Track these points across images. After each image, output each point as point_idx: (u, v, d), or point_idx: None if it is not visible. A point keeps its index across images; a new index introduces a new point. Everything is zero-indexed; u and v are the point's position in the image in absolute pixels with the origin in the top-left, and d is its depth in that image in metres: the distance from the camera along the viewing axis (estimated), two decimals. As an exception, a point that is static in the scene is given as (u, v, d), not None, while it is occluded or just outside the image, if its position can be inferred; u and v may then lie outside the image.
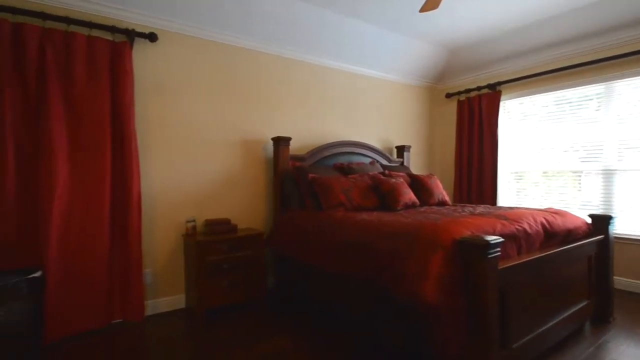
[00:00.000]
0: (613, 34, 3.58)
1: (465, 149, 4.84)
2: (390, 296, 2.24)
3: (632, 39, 3.47)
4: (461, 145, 4.91)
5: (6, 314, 2.21)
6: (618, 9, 3.40)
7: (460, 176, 4.94)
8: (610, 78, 3.71)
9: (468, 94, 4.86)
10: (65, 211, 2.60)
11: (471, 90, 4.79)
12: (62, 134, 2.59)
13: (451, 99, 5.14)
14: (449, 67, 4.99)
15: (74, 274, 2.62)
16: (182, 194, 3.19)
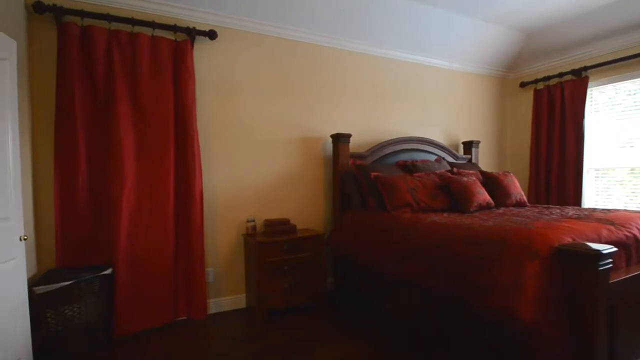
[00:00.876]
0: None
1: (543, 144, 4.31)
2: (469, 308, 1.98)
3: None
4: (538, 140, 4.38)
5: (81, 308, 2.28)
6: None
7: (536, 174, 4.41)
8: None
9: (547, 81, 4.31)
10: (133, 210, 2.65)
11: (551, 78, 4.24)
12: (129, 133, 2.64)
13: (526, 88, 4.61)
14: (524, 52, 4.47)
15: (141, 271, 2.66)
16: (242, 193, 3.14)
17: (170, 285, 2.77)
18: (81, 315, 2.29)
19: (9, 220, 1.82)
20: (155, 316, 2.69)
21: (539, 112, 4.39)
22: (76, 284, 2.25)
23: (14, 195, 1.88)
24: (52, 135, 2.49)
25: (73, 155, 2.49)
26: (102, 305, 2.42)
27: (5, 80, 1.85)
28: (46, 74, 2.50)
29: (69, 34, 2.47)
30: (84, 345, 2.31)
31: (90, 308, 2.33)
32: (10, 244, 1.83)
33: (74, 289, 2.24)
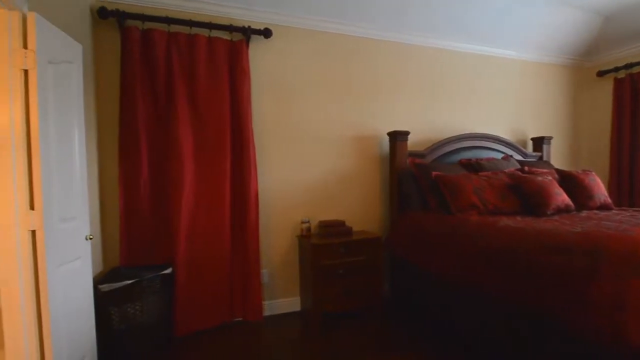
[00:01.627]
0: None
1: (626, 140, 3.80)
2: (552, 324, 1.74)
3: None
4: (620, 135, 3.87)
5: (142, 307, 2.30)
6: None
7: (618, 174, 3.91)
8: None
9: (629, 69, 3.80)
10: (192, 211, 2.66)
11: (634, 65, 3.74)
12: (188, 135, 2.65)
13: (605, 77, 4.09)
14: (602, 37, 3.97)
15: (199, 271, 2.65)
16: (296, 194, 3.06)
17: (227, 285, 2.74)
18: (143, 313, 2.31)
19: (75, 221, 1.85)
20: (212, 316, 2.68)
21: (621, 104, 3.88)
22: (138, 282, 2.27)
23: (80, 197, 1.92)
24: (117, 138, 2.56)
25: (135, 157, 2.54)
26: (163, 304, 2.43)
27: (71, 84, 1.89)
28: (111, 77, 2.57)
29: (131, 38, 2.52)
30: (146, 344, 2.33)
31: (151, 307, 2.35)
32: (76, 243, 1.86)
33: (135, 288, 2.26)
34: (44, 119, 1.63)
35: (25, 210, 1.57)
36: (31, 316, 1.58)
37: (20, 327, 1.56)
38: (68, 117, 1.84)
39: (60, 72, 1.79)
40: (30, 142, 1.59)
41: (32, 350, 1.58)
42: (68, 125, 1.84)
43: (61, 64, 1.80)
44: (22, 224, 1.57)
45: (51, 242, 1.63)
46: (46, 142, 1.63)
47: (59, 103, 1.76)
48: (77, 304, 1.83)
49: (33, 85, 1.59)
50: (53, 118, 1.70)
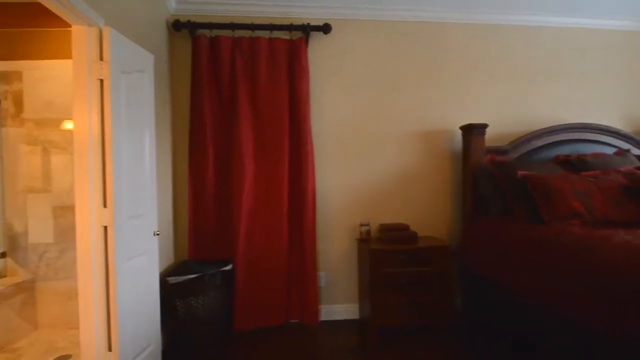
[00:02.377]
0: None
1: None
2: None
3: None
4: None
5: (204, 301, 2.42)
6: None
7: None
8: None
9: None
10: (251, 210, 2.72)
11: None
12: (248, 135, 2.72)
13: None
14: None
15: (257, 269, 2.70)
16: (356, 194, 2.92)
17: (284, 286, 2.75)
18: (205, 307, 2.42)
19: (144, 217, 2.01)
20: (269, 316, 2.71)
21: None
22: (201, 277, 2.39)
23: (149, 195, 2.08)
24: (188, 139, 2.75)
25: (203, 157, 2.70)
26: (223, 299, 2.53)
27: (143, 91, 2.05)
28: (184, 83, 2.76)
29: (200, 45, 2.67)
30: (207, 337, 2.44)
31: (212, 301, 2.45)
32: (145, 238, 2.02)
33: (198, 282, 2.38)
34: (117, 124, 1.78)
35: (99, 208, 1.74)
36: (102, 304, 1.74)
37: (92, 313, 1.73)
38: (139, 122, 2.00)
39: (133, 80, 1.95)
40: (104, 145, 1.75)
41: (101, 334, 1.74)
42: (139, 130, 2.00)
43: (133, 73, 1.96)
44: (96, 220, 1.74)
45: (120, 237, 1.78)
46: (118, 145, 1.79)
47: (131, 109, 1.92)
48: (143, 295, 1.98)
49: (107, 93, 1.75)
50: (125, 123, 1.86)
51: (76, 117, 1.73)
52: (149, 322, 2.04)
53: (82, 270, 1.72)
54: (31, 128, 2.67)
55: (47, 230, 2.67)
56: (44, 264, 2.66)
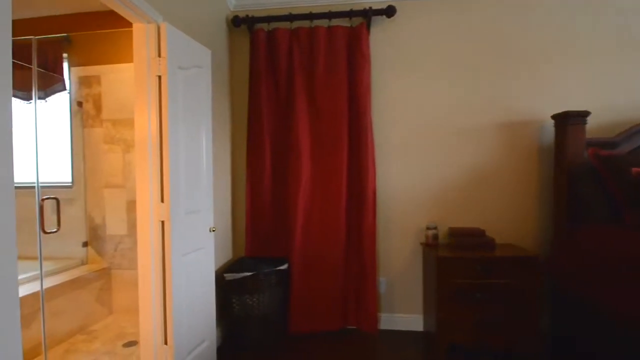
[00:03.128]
0: None
1: None
2: None
3: None
4: None
5: (259, 299, 2.36)
6: None
7: None
8: None
9: None
10: (307, 208, 2.61)
11: None
12: (306, 130, 2.61)
13: None
14: None
15: (313, 270, 2.59)
16: (422, 193, 2.64)
17: (341, 289, 2.59)
18: (260, 306, 2.37)
19: (200, 213, 2.00)
20: (325, 319, 2.58)
21: None
22: (256, 275, 2.34)
23: (206, 191, 2.07)
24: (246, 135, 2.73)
25: (260, 153, 2.66)
26: (278, 299, 2.46)
27: (200, 87, 2.04)
28: (242, 79, 2.75)
29: (258, 39, 2.63)
30: (261, 336, 2.39)
31: (267, 300, 2.40)
32: (201, 234, 2.01)
33: (254, 280, 2.34)
34: (173, 120, 1.78)
35: (157, 203, 1.76)
36: (159, 297, 1.76)
37: (150, 306, 1.75)
38: (196, 119, 2.00)
39: (190, 76, 1.94)
40: (161, 141, 1.76)
41: (158, 327, 1.76)
42: (196, 126, 2.00)
43: (191, 69, 1.95)
44: (155, 215, 1.76)
45: (176, 232, 1.78)
46: (174, 141, 1.79)
47: (188, 105, 1.91)
48: (198, 291, 1.98)
49: (164, 89, 1.76)
50: (182, 119, 1.86)
51: (137, 114, 1.76)
52: (205, 318, 2.03)
53: (141, 264, 1.76)
54: (109, 128, 2.87)
55: (121, 222, 2.85)
56: (119, 254, 2.85)
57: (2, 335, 0.87)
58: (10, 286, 0.90)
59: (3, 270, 0.88)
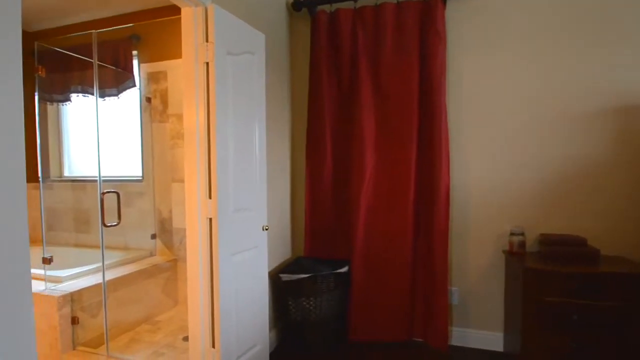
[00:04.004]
0: None
1: None
2: None
3: None
4: None
5: (316, 303, 2.20)
6: None
7: None
8: None
9: None
10: (371, 206, 2.38)
11: None
12: (370, 119, 2.36)
13: None
14: None
15: (376, 274, 2.35)
16: (506, 192, 2.23)
17: (407, 297, 2.32)
18: (317, 310, 2.21)
19: (251, 211, 1.89)
20: (389, 329, 2.33)
21: None
22: (313, 277, 2.18)
23: (258, 188, 1.94)
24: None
25: (321, 147, 2.48)
26: (337, 304, 2.28)
27: (252, 75, 1.91)
28: (304, 69, 2.58)
29: (320, 23, 2.44)
30: (318, 342, 2.24)
31: (325, 304, 2.22)
32: (252, 233, 1.90)
33: (311, 282, 2.18)
34: (222, 111, 1.67)
35: (204, 199, 1.67)
36: (207, 298, 1.68)
37: (198, 307, 1.68)
38: (248, 109, 1.87)
39: (241, 63, 1.82)
40: (209, 134, 1.67)
41: (206, 329, 1.68)
42: (247, 118, 1.87)
43: (242, 55, 1.83)
44: (202, 211, 1.68)
45: (224, 230, 1.68)
46: (223, 133, 1.68)
47: (238, 95, 1.79)
48: (249, 292, 1.87)
49: (212, 77, 1.65)
50: (232, 110, 1.74)
51: (186, 105, 1.69)
52: (257, 322, 1.93)
53: (190, 262, 1.69)
54: (174, 123, 2.92)
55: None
56: (183, 247, 2.91)
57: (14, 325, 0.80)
58: (24, 286, 0.83)
59: (15, 266, 0.80)
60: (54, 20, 3.09)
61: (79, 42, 2.75)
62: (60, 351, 2.03)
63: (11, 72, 0.78)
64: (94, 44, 2.30)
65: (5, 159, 0.77)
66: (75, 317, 2.11)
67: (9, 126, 0.78)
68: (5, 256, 0.77)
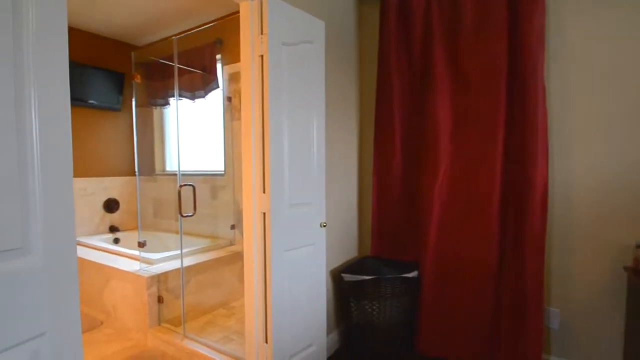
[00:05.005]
0: None
1: None
2: None
3: None
4: None
5: (380, 308, 2.04)
6: None
7: None
8: None
9: None
10: (445, 205, 2.10)
11: None
12: (446, 106, 2.08)
13: None
14: None
15: (451, 282, 2.07)
16: (626, 193, 1.73)
17: (488, 314, 1.98)
18: (380, 315, 2.05)
19: (308, 206, 1.81)
20: (463, 347, 2.03)
21: None
22: (377, 280, 2.02)
23: (316, 182, 1.86)
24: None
25: (389, 138, 2.29)
26: (404, 311, 2.08)
27: (310, 65, 1.82)
28: (372, 58, 2.43)
29: (388, 6, 2.24)
30: (381, 350, 2.07)
31: (390, 310, 2.04)
32: (309, 229, 1.82)
33: (374, 285, 2.02)
34: (276, 103, 1.64)
35: (259, 193, 1.66)
36: (261, 293, 1.67)
37: (253, 301, 1.68)
38: (304, 101, 1.80)
39: (297, 53, 1.75)
40: (264, 126, 1.64)
41: (260, 324, 1.67)
42: (305, 109, 1.80)
43: (298, 45, 1.76)
44: (258, 205, 1.67)
45: (278, 225, 1.65)
46: (277, 126, 1.64)
47: (294, 86, 1.73)
48: (305, 291, 1.81)
49: (266, 69, 1.62)
50: (286, 101, 1.69)
51: (243, 99, 1.69)
52: (312, 322, 1.86)
53: (246, 257, 1.70)
54: (252, 119, 3.04)
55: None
56: (258, 238, 3.02)
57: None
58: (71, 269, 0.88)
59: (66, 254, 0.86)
60: (155, 35, 3.50)
61: (172, 52, 3.07)
62: (148, 325, 2.28)
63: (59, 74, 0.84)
64: (174, 50, 2.52)
65: (54, 152, 0.83)
66: (160, 296, 2.34)
67: (58, 123, 0.85)
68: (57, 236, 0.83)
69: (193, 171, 3.49)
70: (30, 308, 0.80)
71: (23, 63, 0.80)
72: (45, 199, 0.83)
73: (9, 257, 0.77)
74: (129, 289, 2.40)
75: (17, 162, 0.78)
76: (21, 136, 0.80)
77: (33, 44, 0.82)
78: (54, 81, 0.86)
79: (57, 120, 0.87)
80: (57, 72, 0.87)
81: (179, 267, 2.44)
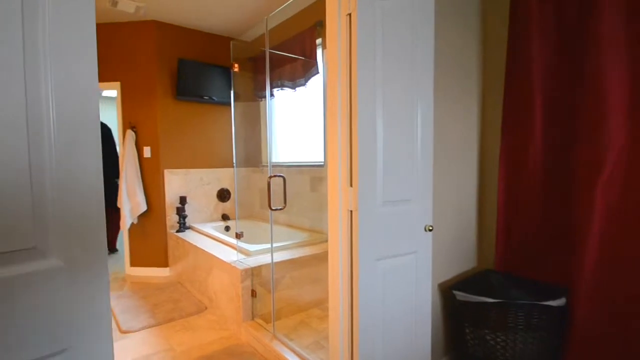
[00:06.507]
0: None
1: None
2: None
3: None
4: None
5: (505, 341, 1.53)
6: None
7: None
8: None
9: None
10: (614, 208, 1.45)
11: None
12: (618, 73, 1.42)
13: None
14: None
15: (623, 323, 1.42)
16: None
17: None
18: (506, 351, 1.54)
19: (408, 205, 1.43)
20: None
21: None
22: (503, 305, 1.52)
23: (420, 176, 1.46)
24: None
25: (525, 118, 1.72)
26: (540, 349, 1.52)
27: (413, 26, 1.41)
28: (500, 8, 1.87)
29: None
30: (510, 399, 1.56)
31: (522, 348, 1.52)
32: (409, 233, 1.44)
33: (499, 311, 1.53)
34: (365, 76, 1.31)
35: (345, 186, 1.37)
36: (347, 306, 1.38)
37: (338, 315, 1.40)
38: (404, 74, 1.42)
39: (396, 11, 1.38)
40: (351, 105, 1.34)
41: (345, 342, 1.39)
42: (404, 84, 1.42)
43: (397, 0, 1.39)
44: (343, 202, 1.38)
45: (367, 226, 1.33)
46: (367, 103, 1.32)
47: (391, 54, 1.37)
48: (403, 309, 1.44)
49: (354, 32, 1.30)
50: (380, 74, 1.35)
51: (328, 71, 1.42)
52: (412, 346, 1.48)
53: (331, 262, 1.44)
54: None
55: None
56: (356, 235, 2.75)
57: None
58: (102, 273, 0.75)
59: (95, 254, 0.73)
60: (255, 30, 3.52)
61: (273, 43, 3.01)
62: (242, 318, 2.25)
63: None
64: (265, 30, 2.39)
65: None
66: (254, 290, 2.28)
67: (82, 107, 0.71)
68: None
69: (291, 162, 3.41)
70: (47, 319, 0.68)
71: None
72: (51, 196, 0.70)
73: (20, 259, 0.65)
74: (226, 279, 2.41)
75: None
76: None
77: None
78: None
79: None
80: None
81: (275, 260, 2.35)
